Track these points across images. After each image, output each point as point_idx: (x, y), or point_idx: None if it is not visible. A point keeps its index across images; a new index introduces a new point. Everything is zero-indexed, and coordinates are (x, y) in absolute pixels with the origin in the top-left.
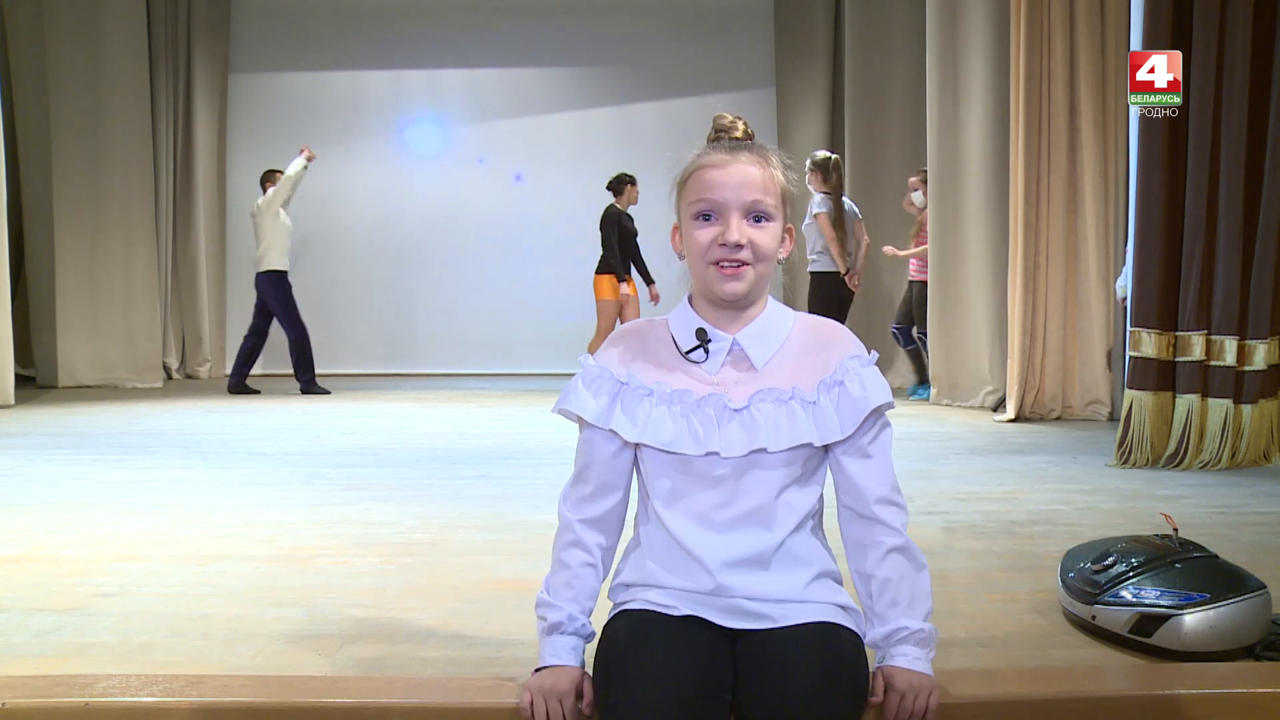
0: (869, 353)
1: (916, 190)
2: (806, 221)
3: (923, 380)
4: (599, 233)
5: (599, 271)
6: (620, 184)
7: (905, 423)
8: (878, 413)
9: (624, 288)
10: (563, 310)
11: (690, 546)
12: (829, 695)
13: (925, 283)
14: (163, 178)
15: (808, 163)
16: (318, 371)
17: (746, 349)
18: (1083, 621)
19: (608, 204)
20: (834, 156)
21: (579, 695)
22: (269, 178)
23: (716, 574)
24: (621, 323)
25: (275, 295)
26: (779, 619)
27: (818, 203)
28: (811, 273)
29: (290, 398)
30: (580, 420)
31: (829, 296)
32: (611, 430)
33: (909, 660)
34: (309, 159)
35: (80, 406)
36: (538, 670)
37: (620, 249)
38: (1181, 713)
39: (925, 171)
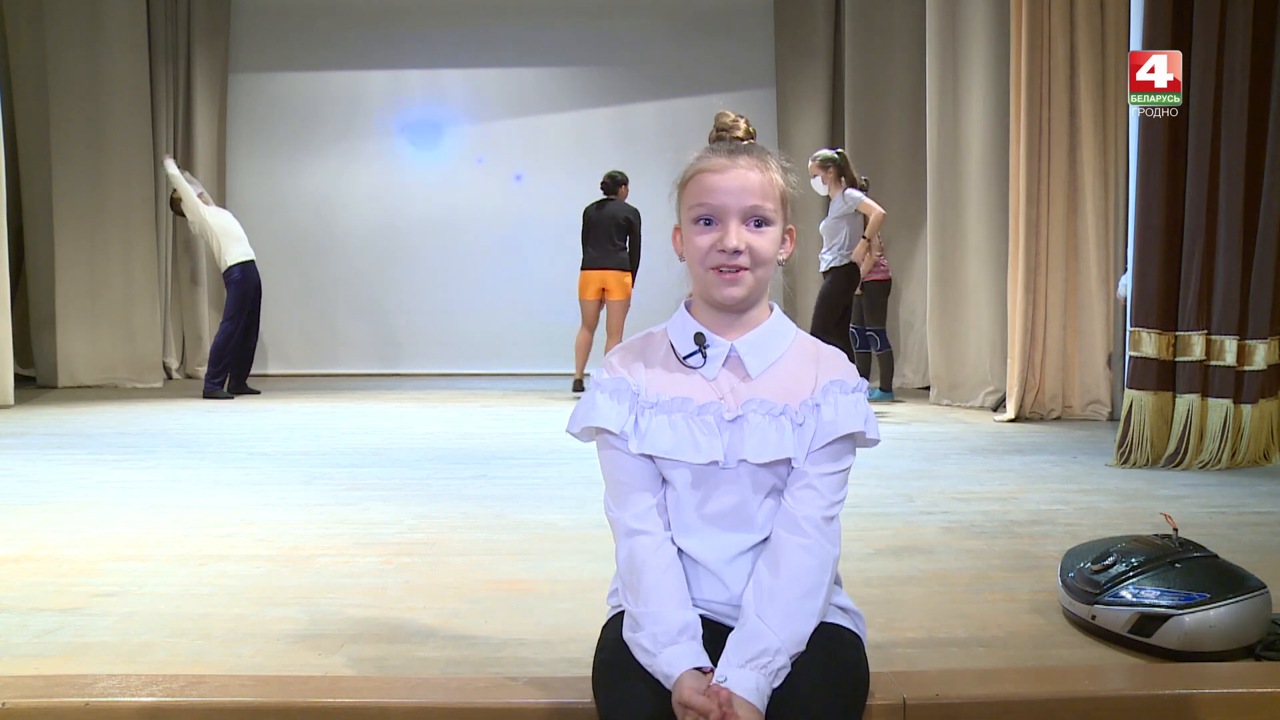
0: (859, 382)
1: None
2: (838, 214)
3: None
4: (626, 232)
5: (624, 269)
6: (620, 184)
7: (905, 423)
8: (846, 439)
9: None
10: (563, 310)
11: (691, 550)
12: (829, 696)
13: (876, 282)
14: (163, 178)
15: (818, 160)
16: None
17: (743, 356)
18: (1083, 621)
19: (623, 203)
20: (843, 151)
21: None
22: (174, 204)
23: (718, 576)
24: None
25: (236, 286)
26: None
27: (856, 196)
28: (833, 268)
29: (290, 398)
30: (601, 434)
31: (844, 289)
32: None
33: (744, 688)
34: (173, 161)
35: (80, 406)
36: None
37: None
38: (1181, 713)
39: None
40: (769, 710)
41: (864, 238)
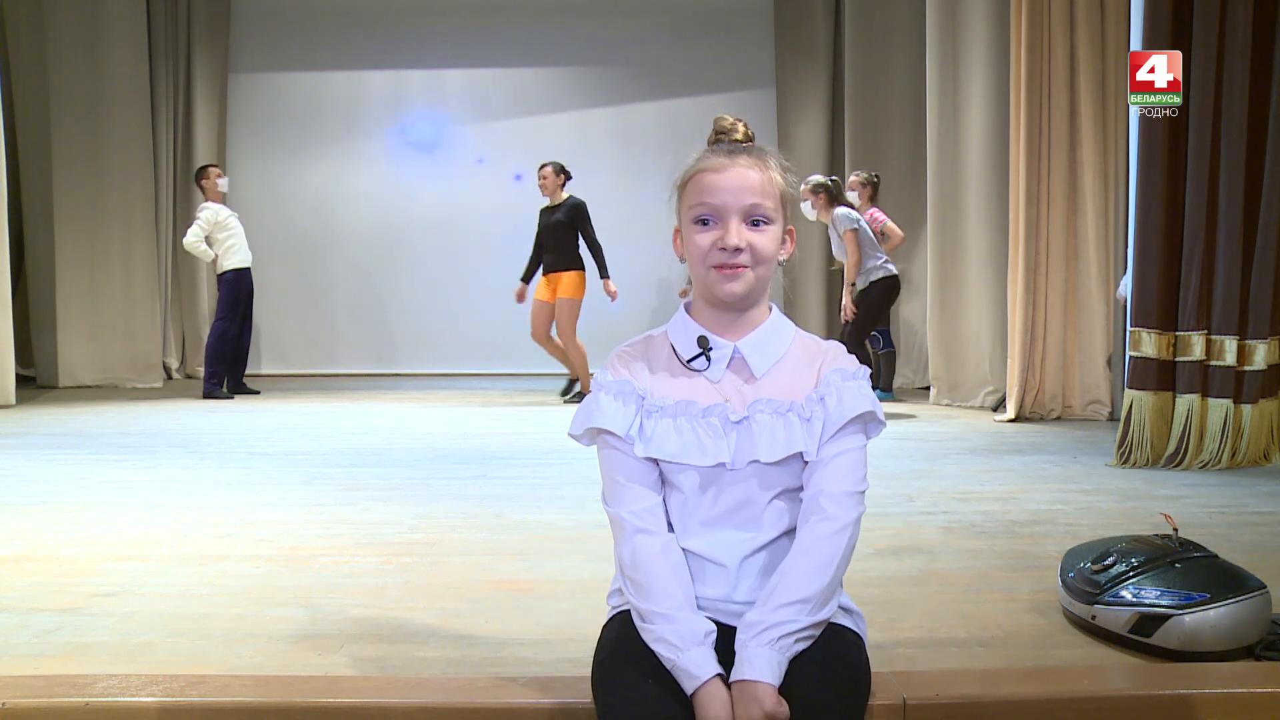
0: (859, 368)
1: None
2: (837, 246)
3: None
4: (572, 229)
5: (575, 269)
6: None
7: (905, 423)
8: (853, 422)
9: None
10: None
11: (700, 550)
12: (832, 696)
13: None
14: (163, 178)
15: (809, 185)
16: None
17: (747, 357)
18: (1083, 621)
19: (574, 194)
20: (835, 179)
21: None
22: (197, 177)
23: (727, 574)
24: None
25: (229, 287)
26: None
27: (845, 219)
28: (870, 283)
29: (290, 398)
30: (603, 435)
31: (883, 301)
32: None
33: (751, 667)
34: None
35: (80, 406)
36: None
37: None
38: (1181, 713)
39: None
40: None
41: (851, 284)
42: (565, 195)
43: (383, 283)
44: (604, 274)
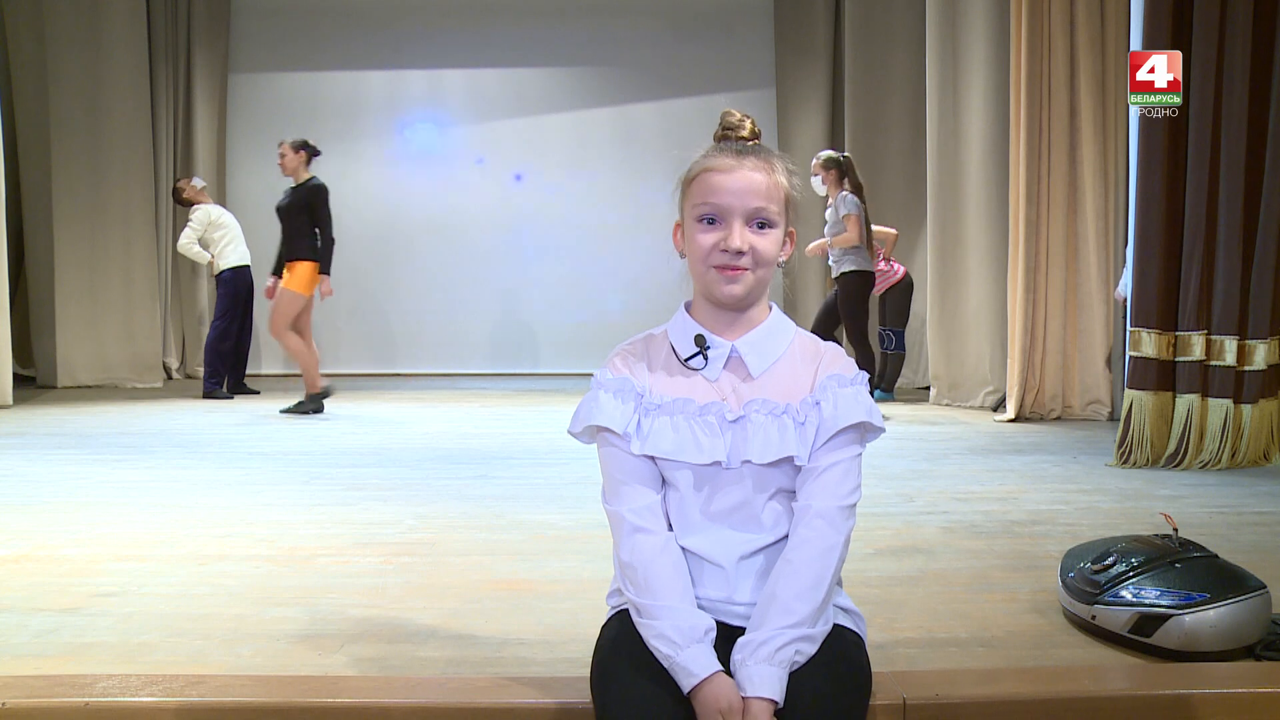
0: (857, 374)
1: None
2: (836, 218)
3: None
4: (305, 213)
5: (308, 259)
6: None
7: (905, 423)
8: (849, 430)
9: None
10: (563, 310)
11: (698, 549)
12: (833, 697)
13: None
14: (163, 178)
15: (820, 160)
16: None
17: (744, 356)
18: (1083, 621)
19: (316, 176)
20: (848, 155)
21: None
22: (176, 193)
23: (724, 574)
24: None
25: (227, 286)
26: None
27: (849, 203)
28: (842, 274)
29: (290, 398)
30: (602, 433)
31: (858, 297)
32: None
33: (752, 684)
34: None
35: (80, 406)
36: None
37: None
38: (1181, 713)
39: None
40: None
41: (828, 243)
42: (308, 175)
43: (383, 283)
44: (325, 269)
